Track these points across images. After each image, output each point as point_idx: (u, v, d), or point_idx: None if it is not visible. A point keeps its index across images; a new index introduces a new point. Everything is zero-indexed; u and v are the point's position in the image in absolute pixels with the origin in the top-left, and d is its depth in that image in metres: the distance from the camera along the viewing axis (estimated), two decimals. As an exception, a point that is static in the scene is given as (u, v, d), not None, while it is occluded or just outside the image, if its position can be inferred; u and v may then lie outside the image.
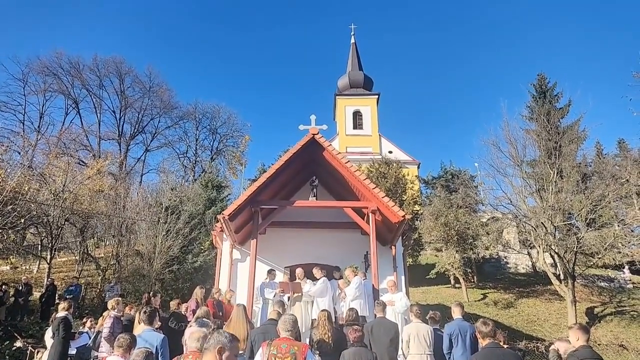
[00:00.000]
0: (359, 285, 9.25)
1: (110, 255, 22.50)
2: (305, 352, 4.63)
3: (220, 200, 26.32)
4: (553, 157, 20.26)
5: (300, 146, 11.12)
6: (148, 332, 5.56)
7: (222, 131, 49.97)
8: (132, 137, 45.31)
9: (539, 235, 19.16)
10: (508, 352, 4.74)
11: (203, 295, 9.38)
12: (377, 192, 10.89)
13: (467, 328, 6.75)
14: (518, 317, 21.51)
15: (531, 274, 28.57)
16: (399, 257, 12.56)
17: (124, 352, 4.72)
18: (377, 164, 32.36)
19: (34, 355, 11.56)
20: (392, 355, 6.66)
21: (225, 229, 11.30)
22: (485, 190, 24.15)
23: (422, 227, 25.99)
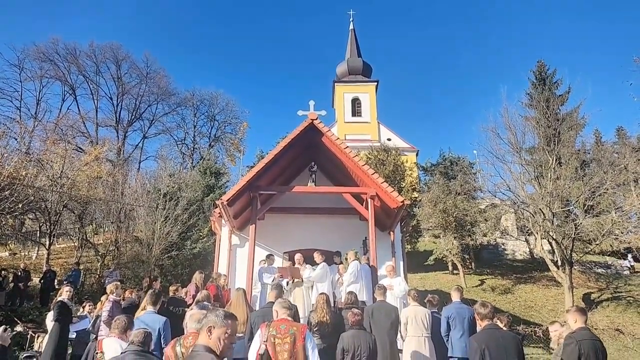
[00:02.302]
0: (354, 271, 9.29)
1: (109, 241, 22.55)
2: (304, 332, 4.66)
3: (219, 187, 26.31)
4: (552, 144, 20.25)
5: (299, 131, 11.07)
6: (149, 315, 5.58)
7: (220, 118, 49.88)
8: (130, 123, 45.18)
9: (537, 221, 19.22)
10: (507, 334, 4.78)
11: (202, 280, 9.42)
12: (376, 178, 10.89)
13: (466, 311, 6.80)
14: (515, 303, 21.69)
15: (529, 261, 28.74)
16: (397, 243, 12.57)
17: (120, 333, 4.74)
18: (375, 151, 32.25)
19: (35, 340, 11.64)
20: (392, 338, 6.71)
21: (224, 214, 11.30)
22: (483, 177, 24.17)
23: (420, 214, 26.02)
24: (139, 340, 3.88)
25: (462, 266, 24.86)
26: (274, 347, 4.57)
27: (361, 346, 5.70)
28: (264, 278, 9.98)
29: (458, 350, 6.54)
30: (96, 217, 24.48)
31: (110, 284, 7.94)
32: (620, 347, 16.34)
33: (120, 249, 21.98)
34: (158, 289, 6.95)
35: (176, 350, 4.10)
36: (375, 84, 46.11)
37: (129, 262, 20.57)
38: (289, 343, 4.56)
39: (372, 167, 20.05)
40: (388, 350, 6.53)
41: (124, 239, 22.11)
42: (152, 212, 20.51)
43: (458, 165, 29.22)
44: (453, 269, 26.48)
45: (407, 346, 6.79)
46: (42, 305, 15.71)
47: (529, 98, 27.81)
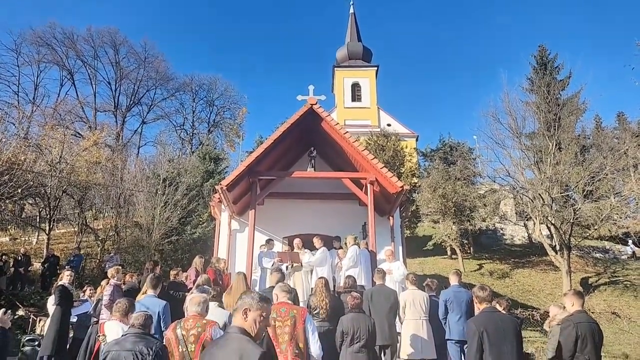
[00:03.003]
0: (353, 256, 9.34)
1: (109, 226, 22.63)
2: (304, 315, 4.70)
3: (218, 172, 26.31)
4: (552, 129, 20.22)
5: (298, 116, 11.02)
6: (149, 298, 5.62)
7: (219, 103, 49.65)
8: (128, 108, 44.98)
9: (536, 206, 19.29)
10: (505, 317, 4.81)
11: (202, 265, 9.47)
12: (376, 163, 10.88)
13: (463, 294, 6.86)
14: (513, 287, 21.89)
15: (527, 245, 28.91)
16: (396, 228, 12.60)
17: (121, 316, 4.78)
18: (375, 137, 32.22)
19: (36, 324, 11.76)
20: (391, 321, 6.79)
21: (224, 199, 11.31)
22: (483, 162, 24.22)
23: (419, 199, 26.10)
24: (139, 322, 3.91)
25: (460, 251, 25.02)
26: (274, 329, 4.62)
27: (360, 329, 5.77)
28: (263, 262, 10.04)
29: (456, 333, 6.61)
30: (96, 202, 24.52)
31: (111, 268, 7.98)
32: (617, 329, 16.54)
33: (120, 234, 22.06)
34: (158, 273, 6.99)
35: (177, 332, 4.15)
36: (375, 68, 45.80)
37: (129, 247, 20.67)
38: (290, 326, 4.60)
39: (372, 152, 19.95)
40: (387, 332, 6.61)
41: (124, 224, 22.17)
42: (151, 197, 20.54)
43: (458, 150, 29.24)
44: (452, 254, 26.64)
45: (405, 329, 6.86)
46: (43, 290, 15.83)
47: (529, 83, 27.66)
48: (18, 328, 12.16)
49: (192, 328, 4.14)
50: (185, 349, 4.05)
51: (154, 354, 3.69)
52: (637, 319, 17.76)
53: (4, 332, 3.52)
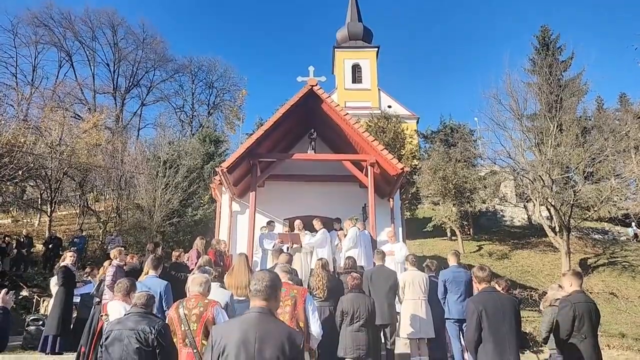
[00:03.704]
0: (353, 237, 9.40)
1: (110, 208, 22.73)
2: (304, 295, 4.75)
3: (219, 155, 26.30)
4: (553, 110, 20.09)
5: (298, 98, 10.99)
6: (151, 278, 5.67)
7: (218, 85, 49.28)
8: (127, 90, 44.69)
9: (536, 188, 19.28)
10: (504, 296, 4.86)
11: (204, 246, 9.54)
12: (376, 145, 10.87)
13: (462, 274, 6.92)
14: (512, 268, 22.03)
15: (526, 227, 29.00)
16: (396, 209, 12.67)
17: (123, 296, 4.83)
18: (376, 119, 32.04)
19: (40, 304, 11.90)
20: (390, 301, 6.87)
21: (224, 181, 11.33)
22: (484, 144, 24.15)
23: (420, 181, 26.09)
24: (141, 302, 3.95)
25: (460, 232, 25.11)
26: (275, 309, 4.66)
27: (360, 308, 5.85)
28: (264, 244, 10.11)
29: (455, 312, 6.69)
30: (97, 184, 24.56)
31: (114, 249, 8.04)
32: (614, 309, 16.71)
33: (121, 215, 22.18)
34: (159, 254, 7.04)
35: (179, 311, 4.20)
36: (376, 49, 45.32)
37: (130, 228, 20.79)
38: (290, 306, 4.65)
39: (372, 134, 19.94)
40: (386, 312, 6.69)
41: (125, 206, 22.28)
42: (152, 179, 20.57)
43: (458, 132, 29.09)
44: (451, 235, 26.75)
45: (404, 308, 6.94)
46: (46, 271, 15.97)
47: (531, 64, 27.43)
48: (22, 308, 12.32)
49: (194, 307, 4.19)
50: (188, 328, 4.11)
51: (156, 332, 3.74)
52: (634, 299, 17.94)
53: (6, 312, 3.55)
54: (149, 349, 3.70)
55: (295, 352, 2.43)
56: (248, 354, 2.35)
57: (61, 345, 8.05)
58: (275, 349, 2.37)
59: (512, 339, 4.38)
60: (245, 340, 2.38)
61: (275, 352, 2.37)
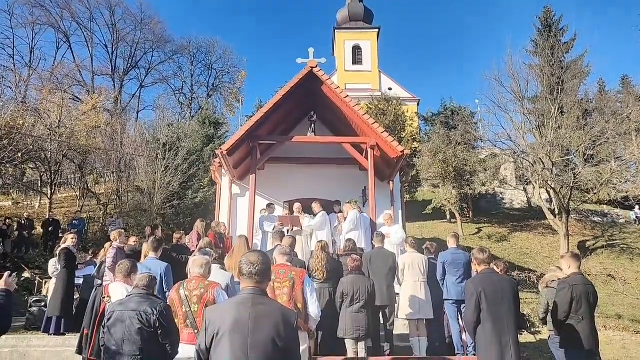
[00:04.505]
0: (353, 219, 9.43)
1: (110, 191, 22.78)
2: (302, 277, 4.78)
3: (218, 137, 26.26)
4: (555, 92, 20.02)
5: (298, 80, 10.88)
6: (151, 260, 5.70)
7: (217, 67, 48.85)
8: (126, 72, 44.33)
9: (537, 171, 19.31)
10: (503, 278, 4.90)
11: (204, 228, 9.58)
12: (377, 128, 10.82)
13: (462, 256, 6.96)
14: (511, 250, 22.21)
15: (526, 209, 29.14)
16: (396, 192, 12.67)
17: (124, 277, 4.85)
18: (376, 101, 31.95)
19: (42, 285, 12.00)
20: (389, 282, 6.93)
21: (224, 164, 11.31)
22: (485, 126, 24.10)
23: (420, 164, 26.13)
24: (143, 284, 3.98)
25: (460, 215, 25.24)
26: (273, 291, 4.70)
27: (360, 290, 5.90)
28: (264, 226, 10.14)
29: (454, 294, 6.74)
30: (96, 166, 24.54)
31: (114, 231, 8.07)
32: (612, 291, 16.89)
33: (122, 198, 22.25)
34: (159, 237, 7.08)
35: (180, 293, 4.23)
36: (376, 30, 44.81)
37: (131, 211, 20.88)
38: (288, 287, 4.68)
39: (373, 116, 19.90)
40: (385, 293, 6.75)
41: (125, 188, 22.33)
42: (152, 162, 20.58)
43: (459, 115, 29.03)
44: (451, 218, 26.89)
45: (404, 290, 6.99)
46: (47, 253, 16.07)
47: (533, 45, 27.22)
48: (25, 290, 12.43)
49: (195, 289, 4.23)
50: (189, 309, 4.15)
51: (158, 313, 3.77)
52: (631, 281, 18.12)
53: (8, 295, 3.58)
54: (150, 329, 3.74)
55: (289, 331, 2.46)
56: (242, 335, 2.36)
57: (65, 326, 8.14)
58: (269, 329, 2.39)
59: (511, 320, 4.42)
60: (239, 321, 2.39)
61: (270, 332, 2.39)
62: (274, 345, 2.38)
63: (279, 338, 2.39)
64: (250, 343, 2.35)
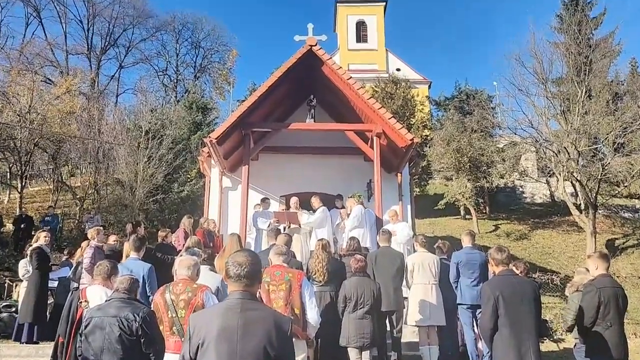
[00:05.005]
0: (358, 215, 9.45)
1: (87, 183, 22.78)
2: (300, 279, 4.80)
3: (207, 124, 26.27)
4: (582, 74, 19.92)
5: (295, 59, 10.85)
6: (133, 261, 5.72)
7: (205, 45, 48.66)
8: (103, 51, 44.15)
9: (561, 161, 19.28)
10: (523, 280, 4.91)
11: (191, 225, 9.60)
12: (383, 113, 10.81)
13: (477, 256, 6.97)
14: (532, 249, 22.25)
15: (548, 204, 29.14)
16: (405, 185, 12.70)
17: (104, 280, 4.87)
18: (383, 83, 31.94)
19: (13, 288, 12.02)
20: (397, 285, 6.94)
21: (214, 154, 11.31)
22: (503, 112, 24.00)
23: (431, 154, 26.11)
24: (124, 287, 3.99)
25: (475, 210, 25.25)
26: (267, 293, 4.71)
27: (365, 293, 5.91)
28: (259, 223, 10.17)
29: (468, 298, 6.77)
30: (72, 157, 24.55)
31: (92, 229, 8.09)
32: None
33: (100, 192, 22.24)
34: (141, 235, 7.09)
35: (166, 297, 4.24)
36: (383, 4, 44.62)
37: (110, 206, 20.91)
38: (285, 290, 4.70)
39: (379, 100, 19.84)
40: (392, 297, 6.77)
41: (104, 181, 22.33)
42: (133, 151, 20.55)
43: (475, 99, 28.93)
44: (465, 214, 26.92)
45: (413, 294, 7.02)
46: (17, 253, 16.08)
47: (558, 21, 27.03)
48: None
49: (182, 293, 4.24)
50: (175, 315, 4.16)
51: (140, 320, 3.78)
52: (665, 283, 18.15)
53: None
54: (132, 337, 3.75)
55: (283, 339, 2.45)
56: (230, 344, 2.35)
57: (38, 334, 8.17)
58: (260, 337, 2.38)
59: (531, 327, 4.44)
60: (227, 328, 2.38)
61: (261, 340, 2.37)
62: (265, 355, 2.37)
63: (271, 347, 2.38)
64: (239, 353, 2.35)
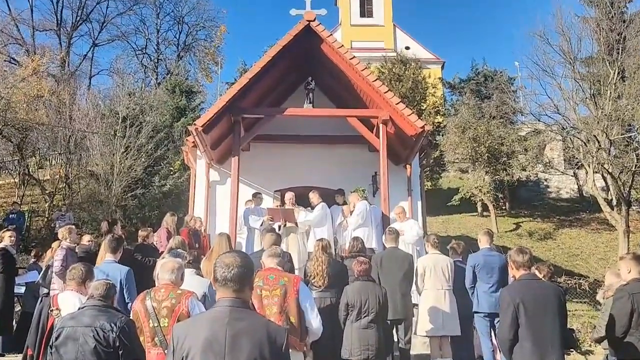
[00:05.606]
0: (361, 212, 9.47)
1: (57, 177, 22.75)
2: (297, 284, 4.81)
3: (192, 109, 26.24)
4: (614, 52, 19.88)
5: (291, 37, 10.85)
6: (109, 264, 5.74)
7: (190, 20, 48.42)
8: (75, 27, 43.91)
9: (590, 151, 19.26)
10: (547, 285, 4.92)
11: (175, 224, 9.62)
12: (390, 97, 10.81)
13: (496, 259, 6.99)
14: (557, 250, 22.30)
15: (576, 200, 29.18)
16: (415, 179, 12.74)
17: (77, 285, 4.88)
18: (390, 63, 31.86)
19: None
20: (405, 290, 6.95)
21: (199, 143, 11.32)
22: (526, 95, 23.98)
23: (444, 143, 26.10)
24: (99, 293, 4.00)
25: (494, 207, 25.24)
26: (260, 300, 4.70)
27: (369, 300, 5.92)
28: (250, 221, 10.18)
29: (485, 305, 6.79)
30: (39, 146, 24.52)
31: (63, 228, 8.10)
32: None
33: (72, 186, 22.24)
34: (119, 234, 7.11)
35: (146, 304, 4.25)
36: (390, -27, 44.53)
37: (83, 202, 20.90)
38: (279, 296, 4.71)
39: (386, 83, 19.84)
40: (399, 304, 6.78)
41: (76, 174, 22.32)
42: (109, 140, 20.54)
43: (494, 81, 28.97)
44: (483, 211, 26.95)
45: (423, 301, 7.05)
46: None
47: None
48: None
49: (165, 299, 4.25)
50: (157, 324, 4.17)
51: (118, 330, 3.79)
52: None
53: None
54: (109, 349, 3.77)
55: (277, 352, 2.44)
56: (217, 357, 2.35)
57: (3, 345, 8.20)
58: (251, 350, 2.37)
59: (556, 338, 4.45)
60: (213, 340, 2.38)
61: (252, 354, 2.37)
62: None
63: None
64: None
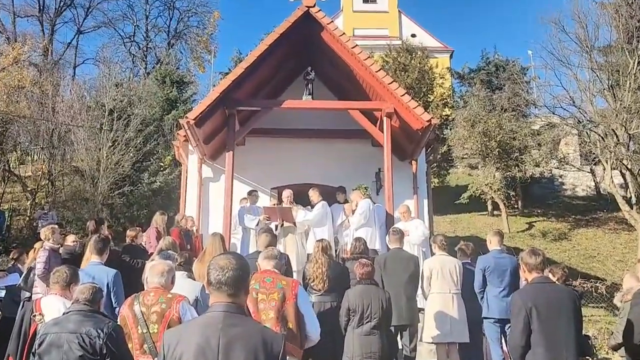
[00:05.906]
0: (365, 211, 9.48)
1: (40, 173, 22.78)
2: (295, 288, 4.81)
3: (183, 101, 26.24)
4: (635, 40, 19.87)
5: (290, 24, 10.83)
6: (95, 266, 5.74)
7: (181, 6, 48.43)
8: (58, 12, 43.88)
9: (608, 146, 19.29)
10: (561, 289, 4.93)
11: (165, 224, 9.63)
12: (395, 89, 10.79)
13: (507, 261, 7.00)
14: (572, 252, 22.29)
15: (593, 198, 29.18)
16: (421, 175, 12.74)
17: (62, 289, 4.88)
18: (395, 52, 31.86)
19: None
20: (410, 294, 6.95)
21: (191, 138, 11.31)
22: (540, 86, 23.99)
23: (452, 138, 26.09)
24: (85, 297, 4.00)
25: (505, 205, 25.26)
26: (255, 303, 4.69)
27: (372, 305, 5.91)
28: (245, 221, 10.18)
29: (496, 310, 6.80)
30: (21, 140, 24.54)
31: (45, 227, 8.09)
32: None
33: (55, 183, 22.26)
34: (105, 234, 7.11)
35: (134, 309, 4.26)
36: (395, -44, 44.50)
37: (68, 200, 20.92)
38: (277, 300, 4.71)
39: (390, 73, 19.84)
40: (404, 309, 6.78)
41: (60, 170, 22.34)
42: (94, 134, 20.54)
43: (506, 71, 28.93)
44: (493, 209, 26.96)
45: (430, 305, 7.06)
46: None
47: (607, -24, 26.95)
48: None
49: (155, 304, 4.26)
50: (146, 330, 4.18)
51: (105, 336, 3.80)
52: None
53: None
54: (95, 357, 3.77)
55: None
56: None
57: (-19, 353, 8.21)
58: (245, 358, 2.37)
59: (570, 344, 4.45)
60: (205, 347, 2.38)
61: None
62: None
63: None
64: None
